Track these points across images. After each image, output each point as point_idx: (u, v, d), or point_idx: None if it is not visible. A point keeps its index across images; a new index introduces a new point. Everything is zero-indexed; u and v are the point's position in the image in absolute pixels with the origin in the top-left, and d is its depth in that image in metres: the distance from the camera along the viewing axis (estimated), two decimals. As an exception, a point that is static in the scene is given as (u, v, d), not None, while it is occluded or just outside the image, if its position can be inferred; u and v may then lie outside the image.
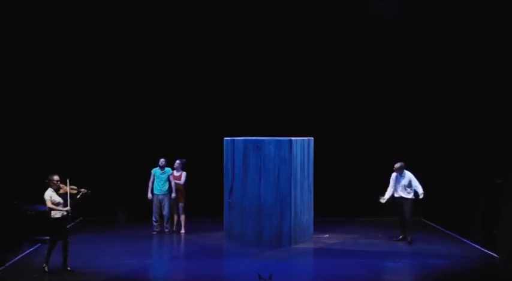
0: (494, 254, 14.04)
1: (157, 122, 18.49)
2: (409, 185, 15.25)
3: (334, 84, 18.52)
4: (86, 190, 12.93)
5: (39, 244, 14.65)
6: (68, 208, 12.65)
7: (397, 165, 15.30)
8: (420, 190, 15.23)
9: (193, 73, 18.54)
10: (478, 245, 14.91)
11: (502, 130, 14.82)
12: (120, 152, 18.42)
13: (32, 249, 14.51)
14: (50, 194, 12.63)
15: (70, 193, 12.71)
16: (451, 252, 14.43)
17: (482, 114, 15.97)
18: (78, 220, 17.81)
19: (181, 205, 16.47)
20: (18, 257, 13.82)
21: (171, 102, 18.54)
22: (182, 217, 16.50)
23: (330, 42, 18.36)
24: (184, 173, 16.44)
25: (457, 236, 16.00)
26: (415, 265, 13.53)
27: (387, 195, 15.30)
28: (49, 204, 12.59)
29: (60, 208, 12.61)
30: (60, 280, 12.37)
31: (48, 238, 12.92)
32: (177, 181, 16.32)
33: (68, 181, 12.78)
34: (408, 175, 15.28)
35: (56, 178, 12.69)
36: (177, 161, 16.42)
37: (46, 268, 12.55)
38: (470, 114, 16.57)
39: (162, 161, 16.28)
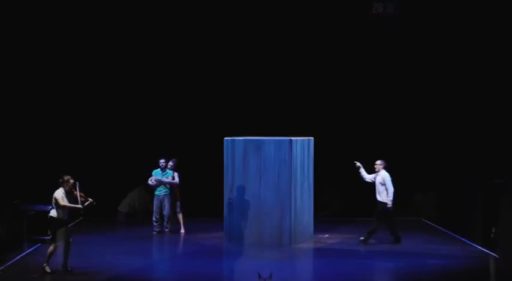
0: (494, 254, 14.04)
1: (158, 122, 18.49)
2: (382, 184, 14.79)
3: (334, 84, 18.52)
4: (92, 200, 12.73)
5: (39, 244, 14.65)
6: (81, 206, 12.51)
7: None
8: (388, 196, 14.64)
9: (193, 73, 18.55)
10: (478, 245, 14.92)
11: (502, 130, 14.83)
12: (121, 152, 18.40)
13: (32, 249, 14.50)
14: (61, 194, 12.43)
15: (79, 199, 12.61)
16: (451, 252, 14.42)
17: (482, 115, 15.98)
18: (78, 220, 17.81)
19: (178, 204, 16.47)
20: (18, 257, 13.81)
21: (171, 103, 18.54)
22: (180, 216, 16.49)
23: (329, 42, 18.37)
24: (176, 174, 16.40)
25: (457, 236, 16.00)
26: (415, 265, 13.51)
27: (363, 170, 15.13)
28: (63, 202, 12.38)
29: (74, 205, 12.46)
30: (60, 280, 12.36)
31: (48, 238, 12.90)
32: (172, 181, 16.28)
33: (77, 185, 12.67)
34: (383, 174, 14.82)
35: (72, 181, 12.52)
36: (170, 163, 16.37)
37: (47, 269, 12.54)
38: (470, 115, 16.59)
39: (162, 162, 16.26)
